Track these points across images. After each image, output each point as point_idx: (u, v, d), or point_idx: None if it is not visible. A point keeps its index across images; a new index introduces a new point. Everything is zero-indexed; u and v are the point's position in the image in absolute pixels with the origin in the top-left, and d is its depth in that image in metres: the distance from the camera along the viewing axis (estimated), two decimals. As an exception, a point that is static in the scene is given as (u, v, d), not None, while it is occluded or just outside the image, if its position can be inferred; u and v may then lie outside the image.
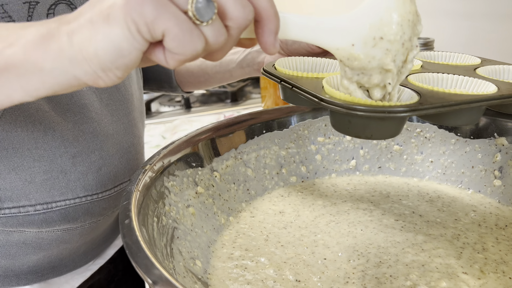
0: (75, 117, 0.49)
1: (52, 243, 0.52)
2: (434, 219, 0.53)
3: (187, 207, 0.49)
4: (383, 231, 0.51)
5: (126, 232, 0.36)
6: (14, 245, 0.50)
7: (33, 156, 0.47)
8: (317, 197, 0.60)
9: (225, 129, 0.59)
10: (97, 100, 0.51)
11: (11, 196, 0.47)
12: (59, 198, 0.49)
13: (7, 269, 0.52)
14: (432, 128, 0.63)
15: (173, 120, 1.22)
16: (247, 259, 0.47)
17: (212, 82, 0.71)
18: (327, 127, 0.66)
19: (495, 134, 0.58)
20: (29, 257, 0.52)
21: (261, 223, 0.54)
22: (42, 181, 0.48)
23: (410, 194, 0.60)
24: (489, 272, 0.43)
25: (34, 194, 0.48)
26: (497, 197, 0.57)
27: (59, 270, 0.56)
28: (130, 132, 0.56)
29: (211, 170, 0.55)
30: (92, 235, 0.57)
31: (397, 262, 0.46)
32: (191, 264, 0.44)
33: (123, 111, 0.55)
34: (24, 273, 0.53)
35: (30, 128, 0.46)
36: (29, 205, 0.48)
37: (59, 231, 0.52)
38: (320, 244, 0.50)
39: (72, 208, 0.51)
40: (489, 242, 0.48)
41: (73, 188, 0.50)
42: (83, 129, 0.50)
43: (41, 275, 0.54)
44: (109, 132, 0.53)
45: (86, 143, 0.50)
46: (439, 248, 0.47)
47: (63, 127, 0.48)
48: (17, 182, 0.47)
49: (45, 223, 0.50)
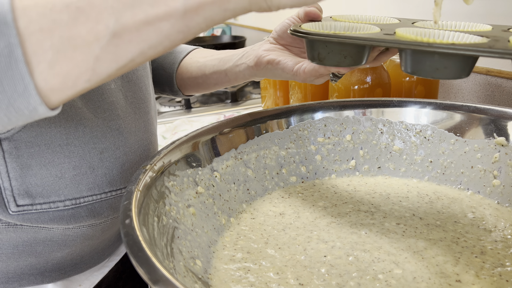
0: (104, 113, 0.50)
1: (77, 240, 0.54)
2: (434, 221, 0.53)
3: (188, 207, 0.49)
4: (386, 235, 0.51)
5: (127, 232, 0.36)
6: (41, 242, 0.52)
7: (64, 152, 0.48)
8: (317, 198, 0.60)
9: (225, 129, 0.59)
10: (123, 98, 0.53)
11: (42, 192, 0.48)
12: (87, 193, 0.50)
13: (33, 267, 0.53)
14: (432, 128, 0.63)
15: (174, 120, 1.23)
16: (249, 262, 0.47)
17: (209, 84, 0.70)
18: (326, 127, 0.66)
19: (495, 134, 0.58)
20: (54, 254, 0.53)
21: (262, 225, 0.54)
22: (71, 177, 0.49)
23: (410, 195, 0.60)
24: (484, 276, 0.43)
25: (64, 190, 0.49)
26: (496, 197, 0.57)
27: (80, 267, 0.57)
28: (149, 130, 0.58)
29: (211, 170, 0.56)
30: (110, 232, 0.58)
31: (391, 272, 0.46)
32: (191, 263, 0.44)
33: (144, 109, 0.57)
34: (48, 271, 0.54)
35: (63, 124, 0.47)
36: (59, 201, 0.49)
37: (85, 227, 0.53)
38: (322, 248, 0.50)
39: (98, 204, 0.52)
40: (488, 245, 0.49)
41: (100, 183, 0.51)
42: (110, 125, 0.51)
43: (64, 272, 0.56)
44: (132, 129, 0.54)
45: (113, 139, 0.51)
46: (438, 256, 0.46)
47: (93, 124, 0.49)
48: (48, 178, 0.48)
49: (73, 218, 0.51)
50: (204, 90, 0.72)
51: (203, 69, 0.69)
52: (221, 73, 0.66)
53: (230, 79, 0.66)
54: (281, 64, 0.57)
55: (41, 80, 0.30)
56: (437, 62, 0.39)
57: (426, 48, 0.39)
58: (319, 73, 0.55)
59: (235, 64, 0.64)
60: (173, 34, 0.32)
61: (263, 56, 0.59)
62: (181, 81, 0.72)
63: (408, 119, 0.65)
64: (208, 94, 1.44)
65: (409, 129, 0.64)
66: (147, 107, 0.58)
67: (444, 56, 0.39)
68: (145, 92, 0.58)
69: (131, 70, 0.51)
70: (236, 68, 0.64)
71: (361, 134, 0.66)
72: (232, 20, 2.29)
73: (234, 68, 0.64)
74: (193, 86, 0.72)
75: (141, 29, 0.31)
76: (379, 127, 0.66)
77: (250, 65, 0.61)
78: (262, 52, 0.60)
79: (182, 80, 0.72)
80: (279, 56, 0.57)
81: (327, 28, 0.49)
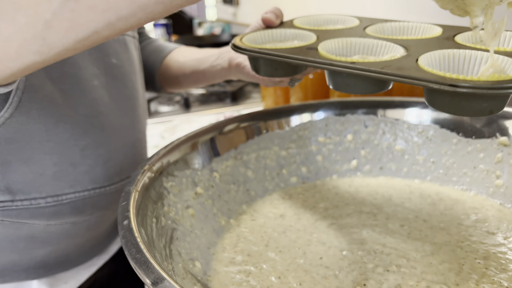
0: (85, 110, 0.50)
1: (60, 237, 0.53)
2: (437, 224, 0.53)
3: (187, 208, 0.49)
4: (391, 235, 0.50)
5: (125, 233, 0.36)
6: (22, 239, 0.51)
7: (44, 149, 0.47)
8: (318, 200, 0.59)
9: (225, 129, 0.59)
10: (106, 94, 0.53)
11: (22, 189, 0.48)
12: (69, 190, 0.50)
13: (16, 263, 0.53)
14: (434, 128, 0.62)
15: (172, 120, 1.22)
16: (250, 265, 0.47)
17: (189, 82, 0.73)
18: (327, 127, 0.65)
19: (497, 134, 0.58)
20: (37, 251, 0.53)
21: (262, 227, 0.54)
22: (52, 174, 0.49)
23: (412, 196, 0.59)
24: (484, 284, 0.42)
25: (45, 186, 0.49)
26: (498, 198, 0.57)
27: (65, 265, 0.57)
28: (135, 128, 0.58)
29: (211, 170, 0.55)
30: (97, 231, 0.58)
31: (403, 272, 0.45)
32: (190, 265, 0.43)
33: (129, 107, 0.57)
34: (32, 268, 0.54)
35: (42, 120, 0.46)
36: (40, 197, 0.49)
37: (67, 224, 0.52)
38: (321, 250, 0.49)
39: (80, 201, 0.51)
40: (491, 248, 0.48)
41: (82, 180, 0.51)
42: (92, 122, 0.51)
43: (48, 269, 0.55)
44: (116, 127, 0.54)
45: (95, 137, 0.51)
46: (444, 263, 0.45)
47: (74, 120, 0.49)
48: (28, 175, 0.47)
49: (55, 215, 0.50)
50: (185, 87, 0.75)
51: (183, 68, 0.72)
52: (200, 73, 0.69)
53: (208, 78, 0.69)
54: (246, 68, 0.60)
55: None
56: (346, 79, 0.40)
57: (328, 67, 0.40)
58: (275, 80, 0.59)
59: (212, 65, 0.67)
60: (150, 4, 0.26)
61: (234, 58, 0.62)
62: (163, 79, 0.75)
63: (410, 119, 0.64)
64: (207, 93, 1.43)
65: (411, 129, 0.64)
66: (133, 104, 0.58)
67: (350, 74, 0.39)
68: (131, 89, 0.57)
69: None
70: (213, 69, 0.67)
71: (362, 134, 0.65)
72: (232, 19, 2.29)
73: (211, 69, 0.67)
74: (174, 84, 0.75)
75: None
76: (381, 127, 0.65)
77: (224, 66, 0.64)
78: (234, 54, 0.62)
79: (164, 78, 0.74)
80: (246, 61, 0.60)
81: (262, 40, 0.51)
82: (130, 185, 0.42)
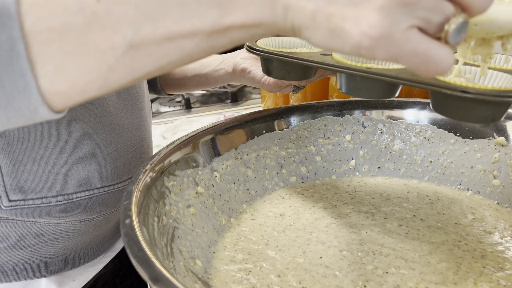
0: (96, 110, 0.51)
1: (69, 235, 0.54)
2: (435, 223, 0.53)
3: (188, 207, 0.49)
4: (389, 235, 0.51)
5: (127, 232, 0.36)
6: (33, 237, 0.52)
7: (55, 148, 0.48)
8: (317, 199, 0.60)
9: (225, 129, 0.59)
10: (115, 94, 0.54)
11: (34, 188, 0.48)
12: (79, 189, 0.51)
13: (26, 261, 0.54)
14: (431, 128, 0.63)
15: (174, 120, 1.22)
16: (250, 263, 0.47)
17: (191, 85, 0.74)
18: (326, 127, 0.66)
19: (494, 134, 0.58)
20: (47, 249, 0.54)
21: (262, 226, 0.54)
22: (63, 173, 0.49)
23: (410, 196, 0.60)
24: (482, 283, 0.43)
25: (56, 185, 0.49)
26: (495, 198, 0.57)
27: (74, 262, 0.58)
28: (142, 127, 0.59)
29: (211, 170, 0.56)
30: (104, 228, 0.59)
31: (401, 273, 0.46)
32: (191, 263, 0.44)
33: (137, 106, 0.58)
34: (42, 266, 0.55)
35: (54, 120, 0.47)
36: (51, 196, 0.49)
37: (77, 222, 0.53)
38: (320, 249, 0.50)
39: (90, 199, 0.52)
40: (488, 247, 0.48)
41: (92, 179, 0.52)
42: (102, 122, 0.52)
43: (57, 267, 0.56)
44: (124, 126, 0.55)
45: (104, 136, 0.52)
46: (442, 262, 0.46)
47: (85, 119, 0.50)
48: (40, 174, 0.48)
49: (65, 213, 0.51)
50: (186, 90, 0.77)
51: (185, 71, 0.73)
52: (202, 76, 0.71)
53: (210, 82, 0.71)
54: (252, 74, 0.61)
55: (46, 81, 0.28)
56: (359, 83, 0.43)
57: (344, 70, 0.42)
58: (281, 86, 0.61)
59: (215, 69, 0.68)
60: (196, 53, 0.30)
61: (239, 63, 0.64)
62: (164, 81, 0.76)
63: (408, 120, 0.65)
64: (208, 94, 1.43)
65: (409, 129, 0.64)
66: (140, 104, 0.59)
67: (363, 78, 0.41)
68: (138, 89, 0.59)
69: None
70: (216, 73, 0.68)
71: (361, 134, 0.66)
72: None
73: (213, 73, 0.69)
74: (175, 87, 0.76)
75: (161, 44, 0.29)
76: (379, 127, 0.66)
77: (228, 71, 0.66)
78: (239, 59, 0.64)
79: (165, 80, 0.76)
80: (252, 66, 0.62)
81: (277, 44, 0.54)
82: (132, 185, 0.43)
